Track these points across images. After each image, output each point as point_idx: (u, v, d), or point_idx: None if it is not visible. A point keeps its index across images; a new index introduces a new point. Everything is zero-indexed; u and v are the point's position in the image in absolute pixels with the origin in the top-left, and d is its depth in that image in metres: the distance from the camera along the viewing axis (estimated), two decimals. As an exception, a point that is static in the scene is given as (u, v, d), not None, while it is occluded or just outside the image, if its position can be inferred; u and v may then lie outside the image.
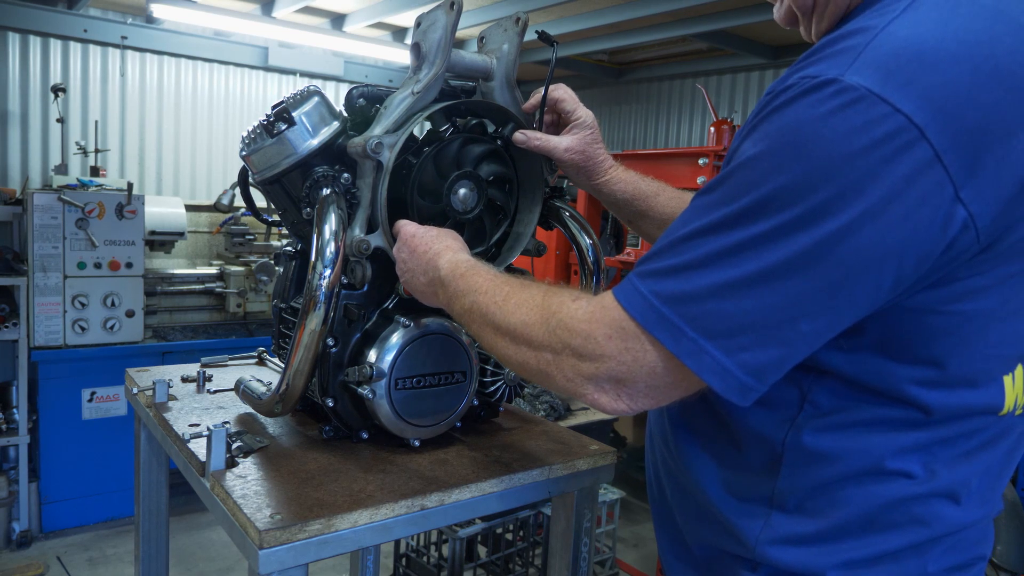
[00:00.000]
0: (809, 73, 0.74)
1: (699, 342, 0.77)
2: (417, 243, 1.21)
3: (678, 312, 0.78)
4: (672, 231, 0.83)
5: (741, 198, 0.76)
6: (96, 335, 3.71)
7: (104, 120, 4.67)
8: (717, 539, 0.95)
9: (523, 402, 3.16)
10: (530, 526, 3.08)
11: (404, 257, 1.22)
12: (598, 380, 0.85)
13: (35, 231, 3.53)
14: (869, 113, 0.70)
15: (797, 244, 0.73)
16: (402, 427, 1.33)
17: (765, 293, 0.75)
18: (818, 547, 0.87)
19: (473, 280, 1.07)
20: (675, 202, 1.38)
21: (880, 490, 0.84)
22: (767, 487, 0.89)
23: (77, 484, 3.78)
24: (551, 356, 0.89)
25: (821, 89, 0.72)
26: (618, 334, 0.82)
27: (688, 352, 0.78)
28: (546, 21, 4.58)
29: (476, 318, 1.03)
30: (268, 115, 1.31)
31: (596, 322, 0.84)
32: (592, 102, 6.41)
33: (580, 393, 0.87)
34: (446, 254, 1.16)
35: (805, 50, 0.85)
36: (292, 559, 1.06)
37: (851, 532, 0.86)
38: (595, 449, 1.43)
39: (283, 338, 1.52)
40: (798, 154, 0.72)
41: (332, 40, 4.88)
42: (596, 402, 0.86)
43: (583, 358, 0.85)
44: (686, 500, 1.00)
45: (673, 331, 0.79)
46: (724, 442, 0.93)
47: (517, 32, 1.39)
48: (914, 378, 0.81)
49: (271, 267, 4.31)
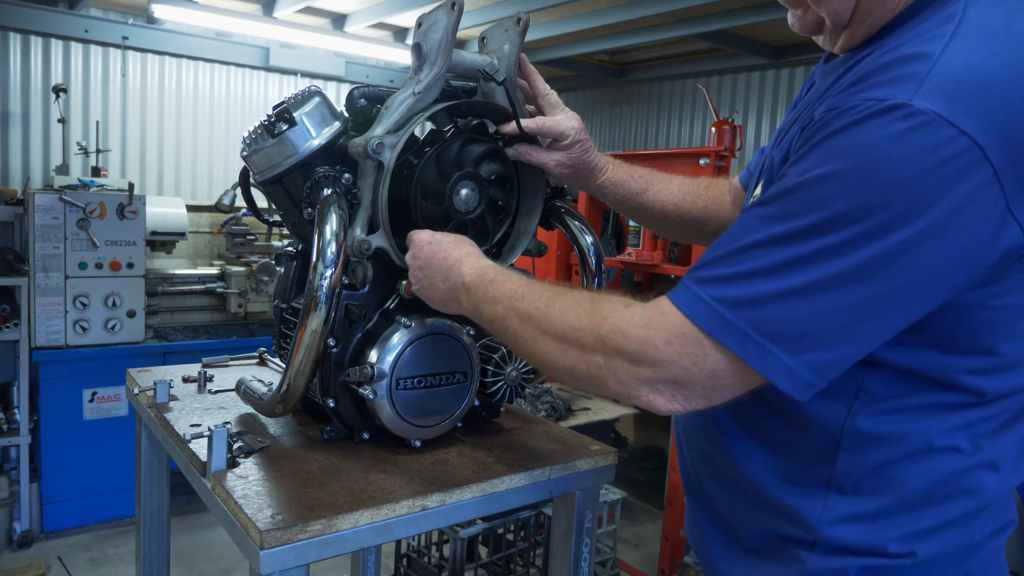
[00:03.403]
0: (876, 96, 0.79)
1: (765, 345, 0.82)
2: (435, 250, 1.20)
3: (743, 317, 0.83)
4: (729, 240, 0.87)
5: (809, 213, 0.80)
6: (97, 335, 3.71)
7: (105, 120, 4.67)
8: (771, 524, 1.00)
9: (524, 402, 3.16)
10: (531, 526, 3.08)
11: (420, 264, 1.21)
12: (654, 383, 0.88)
13: (36, 231, 3.53)
14: (938, 136, 0.75)
15: (863, 255, 0.78)
16: (403, 427, 1.32)
17: (830, 299, 0.80)
18: (877, 523, 0.92)
19: (506, 286, 1.08)
20: (663, 194, 1.43)
21: (933, 467, 0.91)
22: (825, 472, 0.94)
23: (78, 484, 3.78)
24: (602, 360, 0.92)
25: (891, 112, 0.77)
26: (678, 339, 0.86)
27: (755, 355, 0.83)
28: (547, 21, 4.58)
29: (514, 323, 1.03)
30: (269, 115, 1.31)
31: (654, 327, 0.88)
32: (593, 102, 6.41)
33: (634, 395, 0.90)
34: (468, 260, 1.16)
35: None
36: (293, 559, 1.06)
37: (907, 507, 0.92)
38: (596, 449, 1.43)
39: (284, 338, 1.52)
40: (868, 173, 0.77)
41: (333, 40, 4.88)
42: (650, 403, 0.90)
43: (639, 362, 0.88)
44: (733, 491, 1.05)
45: (739, 335, 0.83)
46: (778, 432, 0.98)
47: (518, 32, 1.39)
48: (967, 367, 0.88)
49: (272, 267, 4.31)
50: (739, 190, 1.42)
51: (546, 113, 1.38)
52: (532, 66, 1.41)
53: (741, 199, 1.42)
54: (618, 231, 4.01)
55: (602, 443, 1.46)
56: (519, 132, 1.36)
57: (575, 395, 3.55)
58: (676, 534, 3.34)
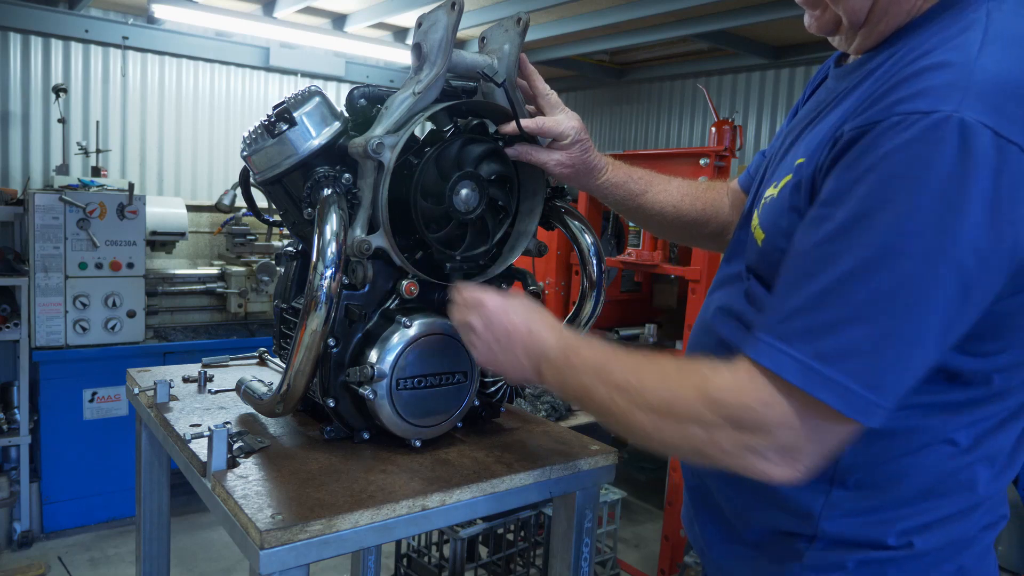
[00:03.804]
0: (920, 108, 0.78)
1: (867, 396, 0.80)
2: (514, 320, 1.13)
3: (840, 369, 0.80)
4: (798, 282, 0.84)
5: (873, 239, 0.79)
6: (97, 335, 3.71)
7: (105, 120, 4.67)
8: (772, 520, 1.00)
9: (524, 402, 3.16)
10: (531, 526, 3.08)
11: (496, 336, 1.14)
12: (762, 451, 0.85)
13: (36, 231, 3.53)
14: (992, 146, 0.76)
15: (943, 278, 0.77)
16: (403, 427, 1.32)
17: (917, 331, 0.79)
18: (878, 517, 0.93)
19: (592, 356, 1.03)
20: (662, 196, 1.43)
21: (934, 462, 0.91)
22: (828, 467, 0.92)
23: (78, 484, 3.78)
24: (701, 431, 0.88)
25: (940, 126, 0.76)
26: (774, 399, 0.83)
27: (860, 410, 0.80)
28: (547, 21, 4.58)
29: (602, 396, 0.98)
30: (269, 115, 1.31)
31: (747, 391, 0.85)
32: (593, 102, 6.41)
33: (744, 466, 0.87)
34: (549, 331, 1.11)
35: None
36: (293, 559, 1.06)
37: (908, 501, 0.93)
38: (596, 449, 1.43)
39: (284, 338, 1.52)
40: (925, 187, 0.76)
41: (333, 40, 4.88)
42: (766, 474, 0.86)
43: (741, 429, 0.85)
44: (735, 489, 1.04)
45: (839, 390, 0.80)
46: None
47: (518, 32, 1.39)
48: (981, 365, 0.88)
49: (272, 267, 4.31)
50: (738, 193, 1.42)
51: (546, 113, 1.38)
52: (532, 66, 1.41)
53: (740, 202, 1.42)
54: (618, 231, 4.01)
55: (602, 443, 1.46)
56: (519, 132, 1.36)
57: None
58: (676, 534, 3.34)
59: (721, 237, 1.46)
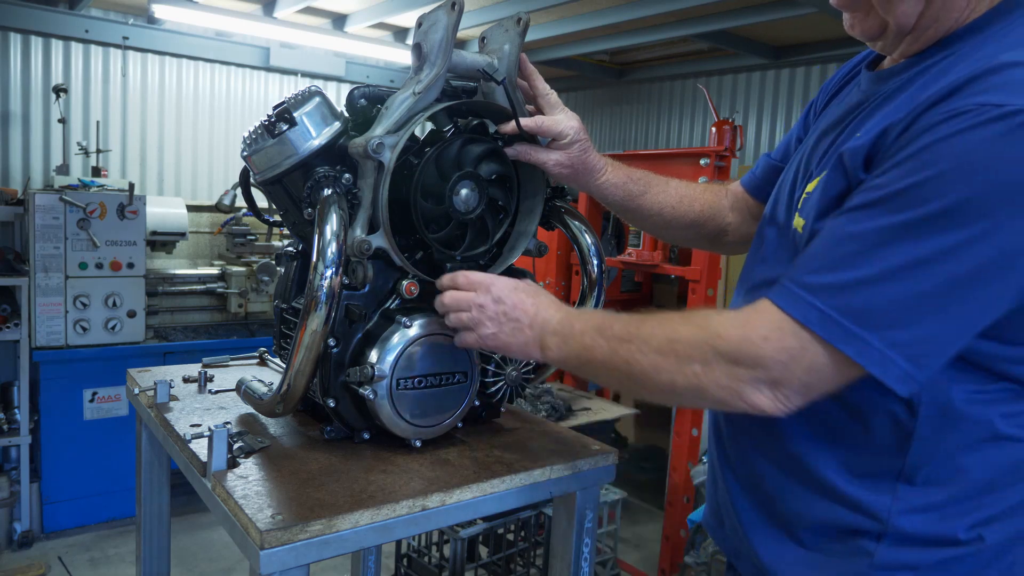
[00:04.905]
0: (991, 101, 0.81)
1: (886, 352, 0.85)
2: (522, 297, 1.20)
3: (862, 324, 0.85)
4: (837, 244, 0.88)
5: (927, 214, 0.82)
6: (97, 335, 3.71)
7: (106, 120, 4.67)
8: (836, 518, 1.00)
9: (524, 402, 3.16)
10: (531, 526, 3.08)
11: (505, 310, 1.20)
12: (756, 383, 0.90)
13: (36, 231, 3.53)
14: None
15: (983, 254, 0.81)
16: (403, 427, 1.33)
17: (951, 301, 0.83)
18: (946, 511, 0.95)
19: (594, 319, 1.10)
20: (661, 197, 1.43)
21: (996, 454, 0.94)
22: (896, 463, 0.96)
23: (78, 484, 3.78)
24: (700, 368, 0.93)
25: (1011, 117, 0.80)
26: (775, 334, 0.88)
27: (876, 361, 0.85)
28: (547, 21, 4.58)
29: (604, 351, 1.04)
30: (269, 115, 1.31)
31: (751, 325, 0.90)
32: (593, 102, 6.41)
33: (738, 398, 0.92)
34: (552, 305, 1.19)
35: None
36: (293, 559, 1.06)
37: (973, 495, 0.95)
38: (596, 449, 1.43)
39: (284, 338, 1.52)
40: (988, 173, 0.80)
41: (333, 40, 4.88)
42: (755, 405, 0.91)
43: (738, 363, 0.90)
44: (795, 482, 1.04)
45: (859, 343, 0.85)
46: (849, 427, 0.99)
47: (518, 32, 1.39)
48: (1017, 357, 0.91)
49: (272, 267, 4.31)
50: (739, 195, 1.42)
51: (546, 113, 1.38)
52: (532, 66, 1.41)
53: (742, 204, 1.42)
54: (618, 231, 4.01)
55: (602, 443, 1.46)
56: (519, 131, 1.36)
57: (575, 395, 3.55)
58: (676, 534, 3.34)
59: (718, 239, 1.46)
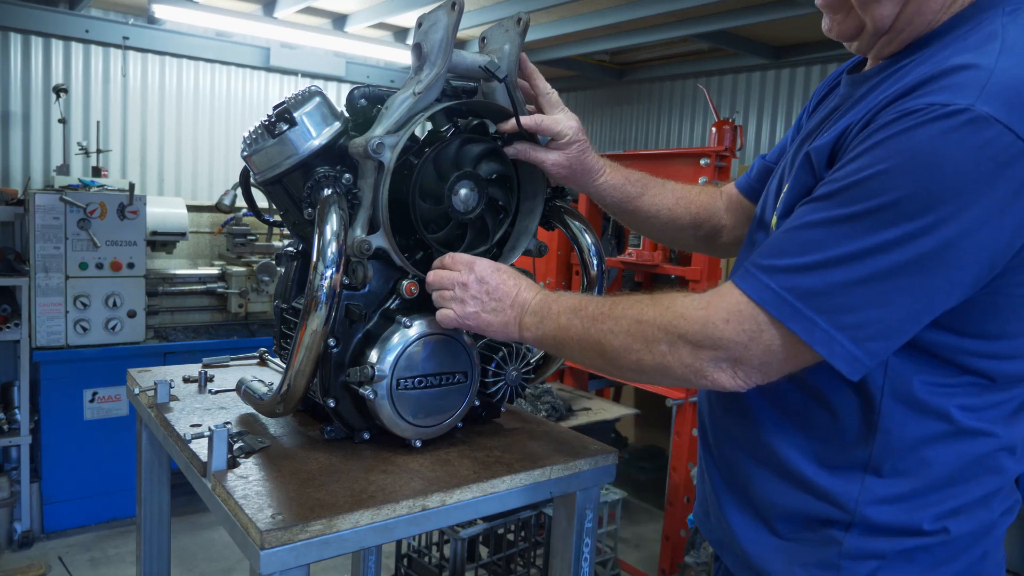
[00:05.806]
0: (939, 100, 0.85)
1: (831, 333, 0.89)
2: (504, 279, 1.24)
3: (811, 305, 0.89)
4: (794, 232, 0.93)
5: (876, 207, 0.86)
6: (98, 335, 3.71)
7: (106, 120, 4.68)
8: (807, 507, 1.04)
9: (524, 402, 3.16)
10: (532, 526, 3.08)
11: (488, 290, 1.24)
12: (717, 361, 0.95)
13: (37, 231, 3.53)
14: (1000, 139, 0.82)
15: (925, 246, 0.84)
16: (403, 428, 1.33)
17: (895, 289, 0.87)
18: (912, 503, 0.98)
19: (569, 301, 1.15)
20: (658, 198, 1.45)
21: (959, 448, 0.97)
22: (863, 454, 0.99)
23: (79, 484, 3.78)
24: (666, 348, 0.98)
25: (954, 116, 0.83)
26: (735, 316, 0.93)
27: (821, 341, 0.89)
28: (547, 21, 4.58)
29: (577, 331, 1.10)
30: (270, 115, 1.31)
31: (713, 307, 0.95)
32: (593, 102, 6.41)
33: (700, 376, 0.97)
34: (531, 287, 1.24)
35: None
36: (293, 559, 1.06)
37: (938, 487, 0.98)
38: (596, 449, 1.43)
39: (285, 338, 1.52)
40: (935, 168, 0.83)
41: (334, 40, 4.88)
42: (716, 382, 0.97)
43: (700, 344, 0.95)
44: (768, 477, 1.08)
45: (807, 323, 0.90)
46: (817, 417, 1.02)
47: (519, 32, 1.39)
48: (977, 350, 0.94)
49: (273, 267, 4.31)
50: (734, 196, 1.42)
51: (546, 112, 1.38)
52: (532, 65, 1.41)
53: (737, 205, 1.42)
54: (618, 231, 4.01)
55: (602, 443, 1.46)
56: (518, 129, 1.36)
57: (575, 395, 3.55)
58: (676, 534, 3.34)
59: (714, 240, 1.46)
